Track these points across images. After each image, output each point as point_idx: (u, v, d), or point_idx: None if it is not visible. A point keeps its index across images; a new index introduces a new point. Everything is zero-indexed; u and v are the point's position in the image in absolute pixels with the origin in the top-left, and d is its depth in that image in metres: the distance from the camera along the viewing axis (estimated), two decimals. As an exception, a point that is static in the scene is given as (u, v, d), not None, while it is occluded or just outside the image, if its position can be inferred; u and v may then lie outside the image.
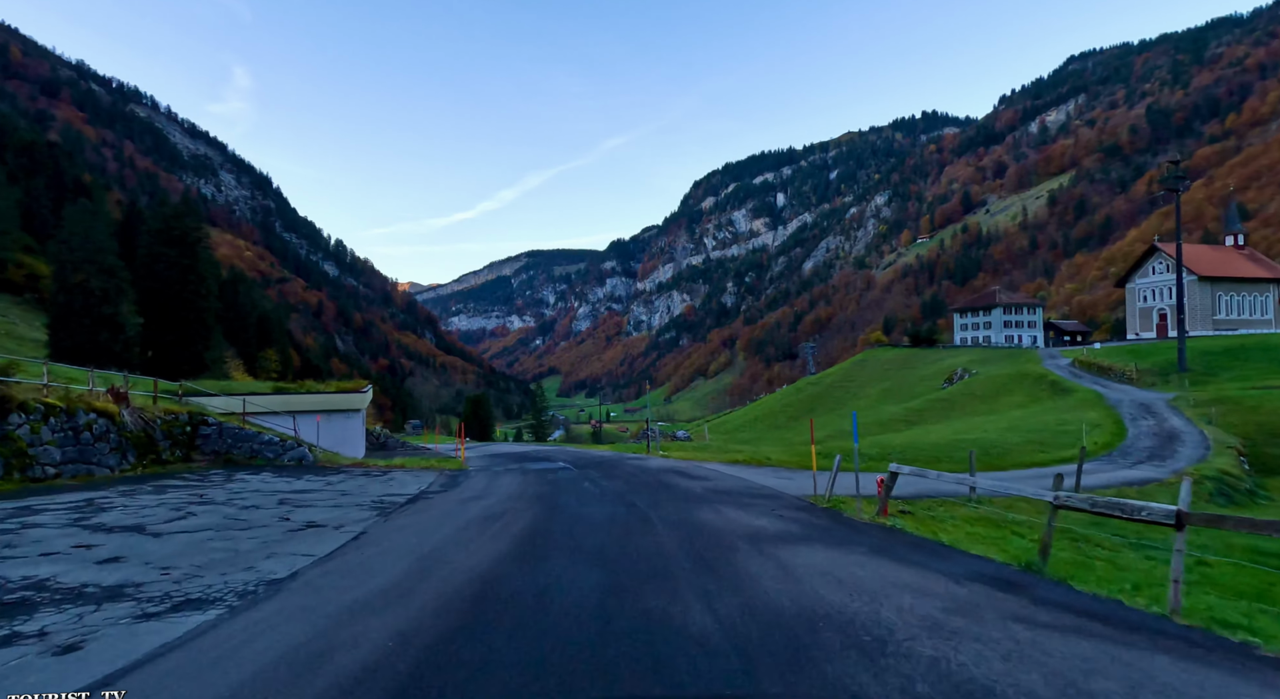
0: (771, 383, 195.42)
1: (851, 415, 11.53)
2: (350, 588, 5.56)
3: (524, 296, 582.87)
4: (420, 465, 18.28)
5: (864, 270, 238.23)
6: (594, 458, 22.73)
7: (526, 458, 23.41)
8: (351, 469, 16.66)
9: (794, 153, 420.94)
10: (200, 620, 4.63)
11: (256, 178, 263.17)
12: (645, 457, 22.89)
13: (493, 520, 9.46)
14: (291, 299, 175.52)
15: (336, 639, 4.21)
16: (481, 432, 55.27)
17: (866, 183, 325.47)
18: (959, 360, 57.65)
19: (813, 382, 69.47)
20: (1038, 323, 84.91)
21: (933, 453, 19.82)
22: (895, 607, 4.95)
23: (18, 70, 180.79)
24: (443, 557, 6.90)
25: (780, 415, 50.27)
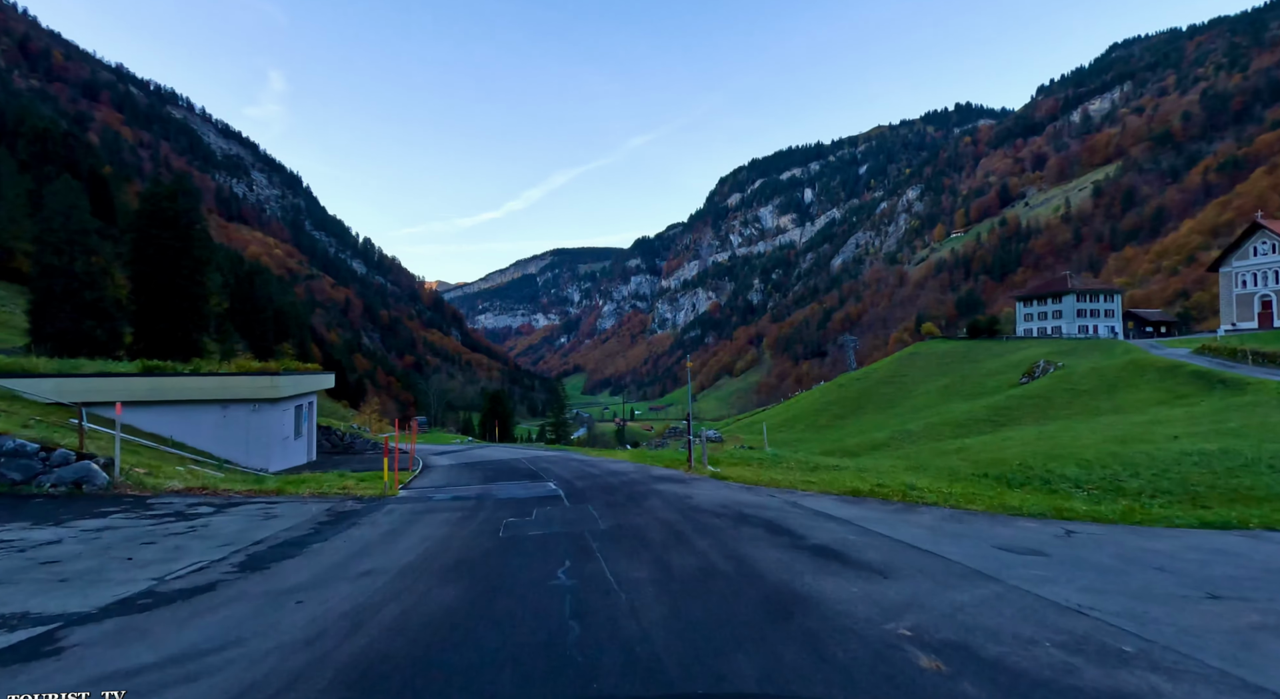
0: (800, 381, 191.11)
1: (899, 414, 8.75)
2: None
3: (549, 295, 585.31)
4: (329, 489, 12.32)
5: (895, 266, 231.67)
6: (606, 478, 14.56)
7: (508, 473, 16.78)
8: (181, 498, 10.56)
9: (822, 148, 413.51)
10: None
11: (287, 177, 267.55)
12: (688, 479, 13.86)
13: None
14: (319, 296, 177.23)
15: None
16: (502, 429, 53.12)
17: (897, 177, 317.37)
18: (1036, 352, 52.53)
19: (856, 377, 64.79)
20: (1116, 311, 77.27)
21: (1113, 468, 12.82)
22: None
23: (59, 73, 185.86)
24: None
25: (822, 414, 46.79)
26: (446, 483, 14.72)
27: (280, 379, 18.12)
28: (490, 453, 25.73)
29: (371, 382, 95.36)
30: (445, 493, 12.61)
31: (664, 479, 14.01)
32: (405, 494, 12.28)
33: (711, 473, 14.51)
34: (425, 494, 12.35)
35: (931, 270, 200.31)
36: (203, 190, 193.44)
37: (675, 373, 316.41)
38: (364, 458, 22.76)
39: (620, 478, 14.59)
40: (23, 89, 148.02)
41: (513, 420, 63.84)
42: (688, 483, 12.97)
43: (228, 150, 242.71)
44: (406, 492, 12.77)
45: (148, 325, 25.25)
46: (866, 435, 34.10)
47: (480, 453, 26.24)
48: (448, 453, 26.23)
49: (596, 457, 23.52)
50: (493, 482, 14.63)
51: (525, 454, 25.18)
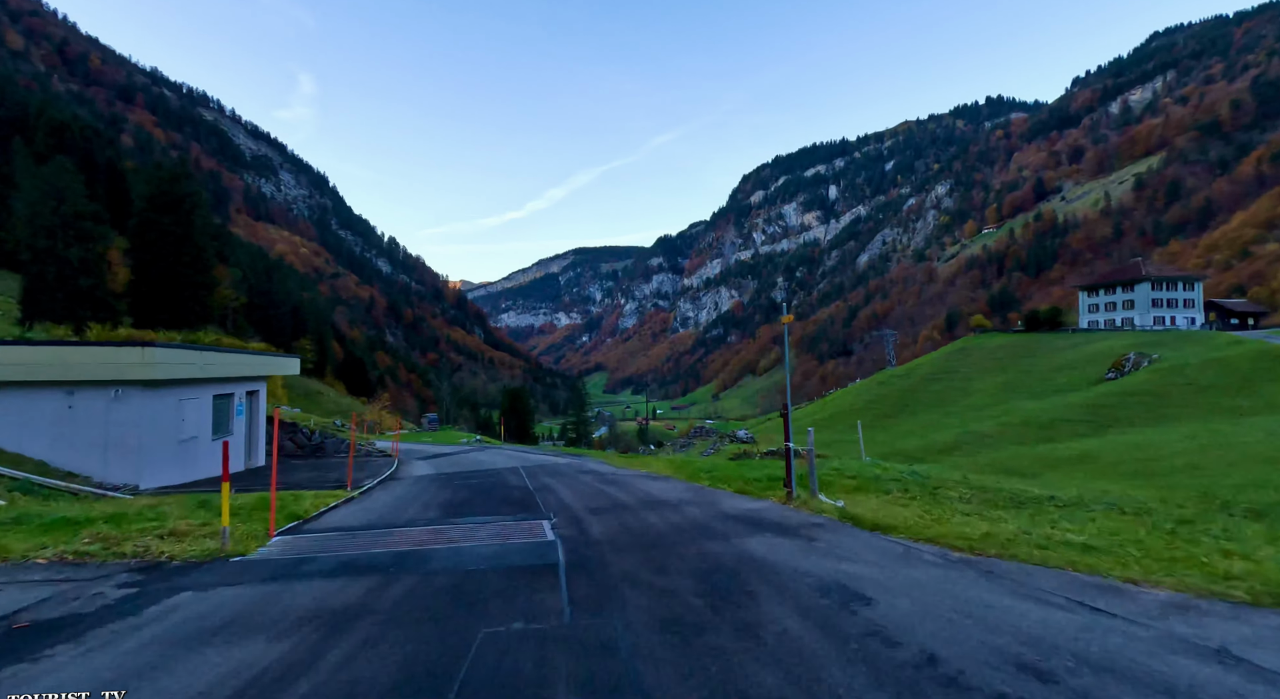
0: (825, 380, 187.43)
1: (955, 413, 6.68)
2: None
3: (571, 294, 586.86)
4: (116, 548, 6.77)
5: (924, 263, 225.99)
6: (644, 515, 8.85)
7: (491, 495, 11.66)
8: None
9: (847, 144, 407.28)
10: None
11: (314, 177, 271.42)
12: (805, 526, 7.65)
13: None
14: (343, 294, 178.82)
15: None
16: (521, 428, 51.69)
17: (925, 173, 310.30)
18: (1115, 345, 48.32)
19: (898, 374, 60.44)
20: (1196, 301, 71.28)
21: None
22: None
23: (96, 77, 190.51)
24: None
25: (864, 413, 43.78)
26: (377, 520, 9.09)
27: (157, 353, 12.73)
28: (488, 458, 21.46)
29: (393, 378, 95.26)
30: (339, 552, 6.91)
31: (756, 524, 7.78)
32: (262, 554, 6.82)
33: (837, 512, 8.18)
34: (297, 557, 6.69)
35: (962, 267, 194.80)
36: (231, 190, 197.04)
37: (698, 371, 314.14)
38: (328, 462, 18.92)
39: (670, 518, 8.45)
40: (61, 92, 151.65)
41: (533, 418, 62.38)
42: (812, 539, 6.88)
43: (256, 151, 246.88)
44: (271, 547, 7.19)
45: (148, 316, 24.22)
46: (924, 437, 31.12)
47: (477, 457, 22.01)
48: (441, 456, 22.60)
49: (624, 468, 16.81)
50: (455, 517, 9.14)
51: (531, 460, 20.21)
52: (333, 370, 63.48)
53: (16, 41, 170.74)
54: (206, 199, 33.62)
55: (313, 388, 51.43)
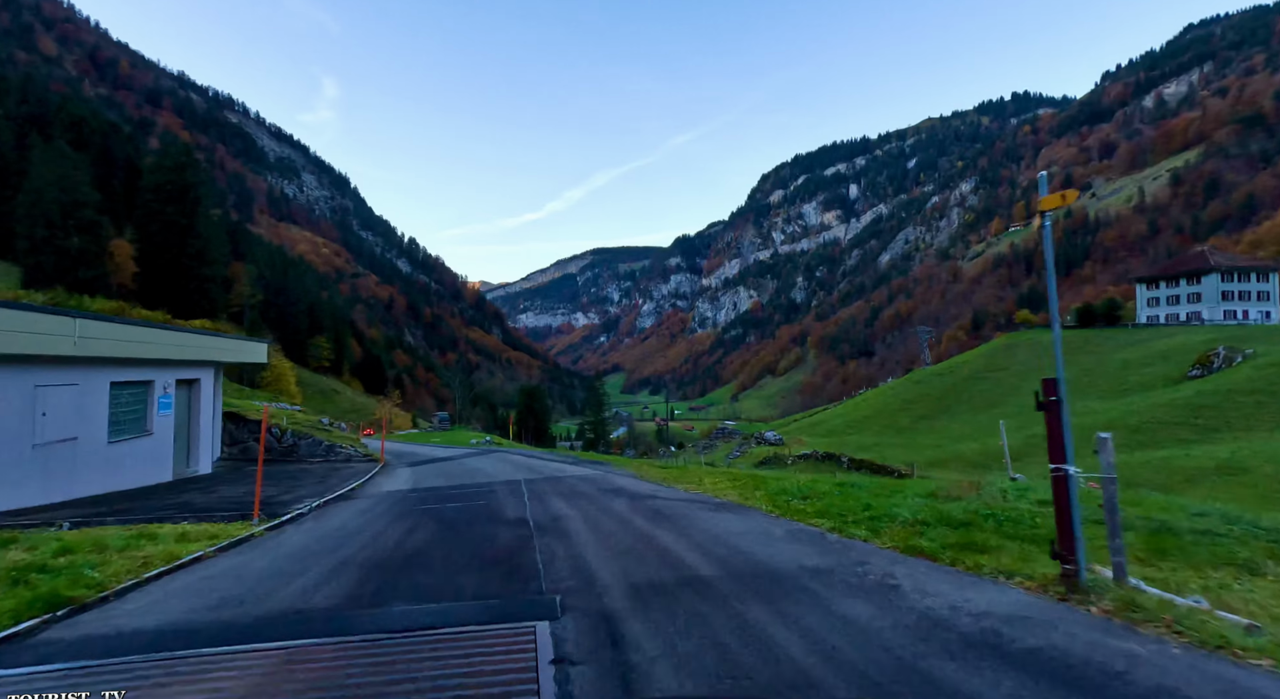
0: (846, 381, 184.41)
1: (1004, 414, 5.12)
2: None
3: (589, 294, 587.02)
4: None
5: (948, 262, 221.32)
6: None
7: (437, 555, 6.94)
8: None
9: (868, 142, 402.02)
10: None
11: (336, 178, 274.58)
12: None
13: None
14: (363, 293, 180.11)
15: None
16: (538, 428, 50.57)
17: (949, 170, 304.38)
18: (1191, 340, 44.53)
19: (937, 372, 57.28)
20: (1271, 293, 66.28)
21: None
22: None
23: (126, 82, 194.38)
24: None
25: (901, 414, 41.61)
26: (208, 618, 4.92)
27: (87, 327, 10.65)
28: (490, 466, 18.28)
29: (411, 377, 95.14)
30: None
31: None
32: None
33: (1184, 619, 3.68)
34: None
35: (989, 265, 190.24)
36: (255, 191, 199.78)
37: (716, 372, 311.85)
38: (292, 471, 15.72)
39: (823, 635, 3.96)
40: (92, 97, 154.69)
41: (550, 418, 61.24)
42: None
43: (280, 153, 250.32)
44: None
45: (151, 308, 23.51)
46: (981, 440, 28.56)
47: (477, 465, 18.75)
48: (435, 462, 20.12)
49: (666, 486, 12.75)
50: (371, 606, 5.14)
51: (542, 469, 16.67)
52: (350, 369, 63.14)
53: (50, 48, 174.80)
54: (214, 189, 32.92)
55: (329, 386, 50.96)
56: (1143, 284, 74.38)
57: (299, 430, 20.01)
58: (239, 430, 19.03)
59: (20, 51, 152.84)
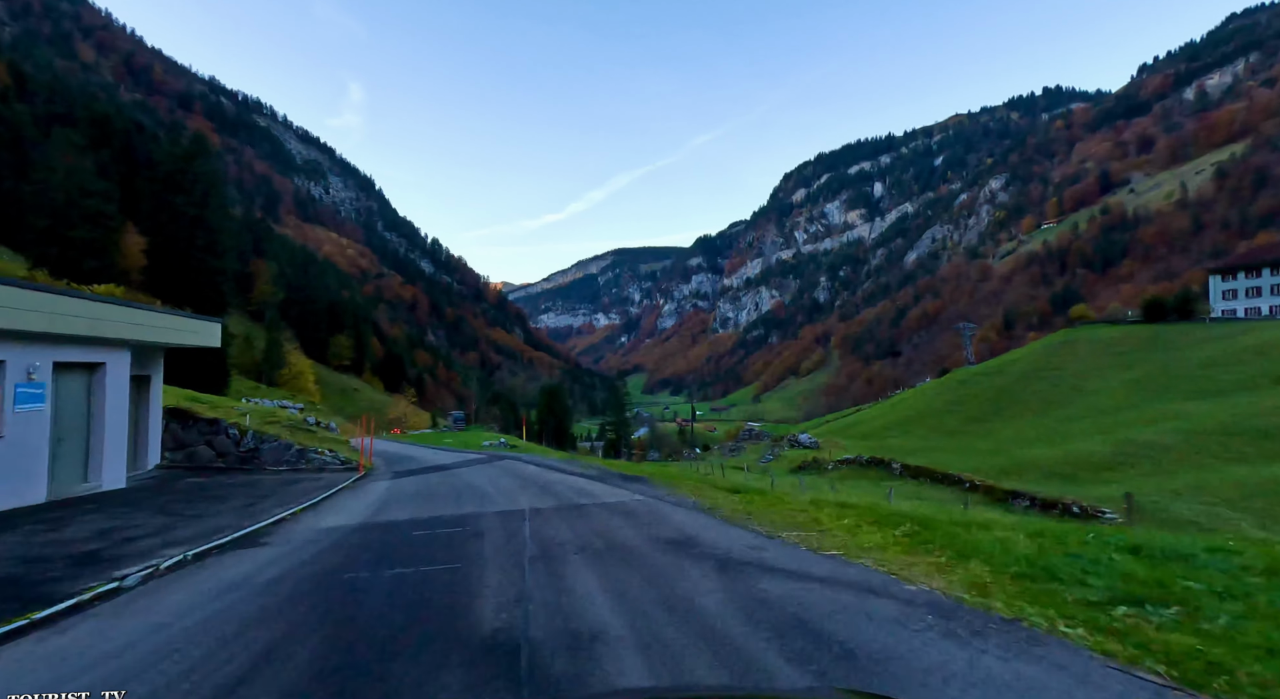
0: (871, 382, 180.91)
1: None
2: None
3: (610, 295, 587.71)
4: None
5: (977, 260, 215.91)
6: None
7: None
8: None
9: (893, 140, 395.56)
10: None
11: (361, 180, 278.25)
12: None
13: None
14: (387, 294, 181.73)
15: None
16: (559, 428, 49.51)
17: (978, 167, 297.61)
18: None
19: (984, 372, 53.78)
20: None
21: None
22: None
23: (159, 87, 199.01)
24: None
25: (947, 416, 38.98)
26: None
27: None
28: (492, 479, 15.10)
29: (432, 377, 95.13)
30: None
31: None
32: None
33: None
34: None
35: (1020, 264, 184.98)
36: (282, 193, 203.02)
37: (738, 372, 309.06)
38: (237, 490, 12.26)
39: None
40: (127, 101, 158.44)
41: (571, 418, 60.17)
42: None
43: (307, 155, 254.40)
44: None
45: (161, 302, 22.93)
46: (1057, 445, 25.60)
47: (475, 479, 15.37)
48: (425, 472, 17.20)
49: (766, 533, 8.07)
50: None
51: (560, 487, 13.42)
52: (371, 368, 62.93)
53: (89, 55, 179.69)
54: (238, 187, 32.46)
55: (348, 384, 50.64)
56: (1217, 275, 68.84)
57: (266, 432, 16.84)
58: (186, 432, 16.01)
59: (60, 59, 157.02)
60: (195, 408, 16.77)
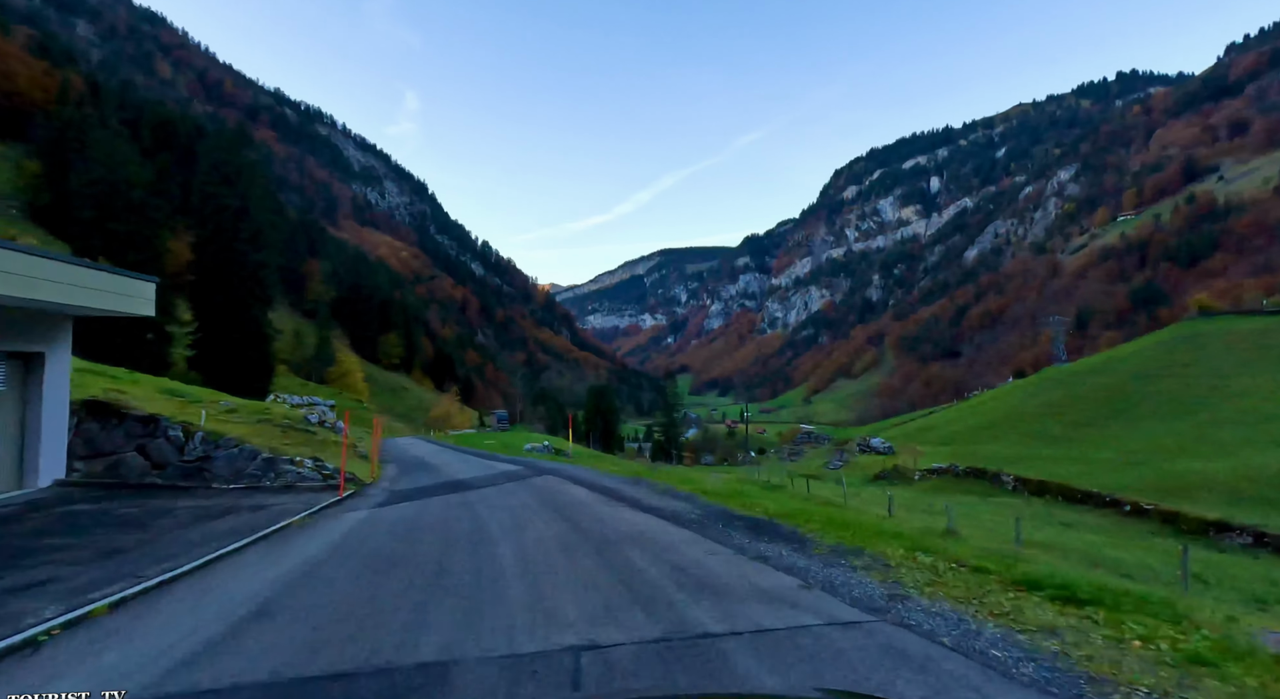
0: (930, 384, 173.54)
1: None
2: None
3: (656, 295, 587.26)
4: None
5: (1045, 256, 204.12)
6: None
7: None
8: None
9: (951, 132, 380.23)
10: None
11: (415, 185, 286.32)
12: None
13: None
14: (439, 295, 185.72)
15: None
16: (605, 429, 48.18)
17: (1044, 159, 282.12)
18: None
19: (1086, 370, 48.68)
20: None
21: None
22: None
23: (228, 99, 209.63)
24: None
25: (1047, 420, 34.64)
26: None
27: None
28: (504, 522, 9.11)
29: (480, 376, 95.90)
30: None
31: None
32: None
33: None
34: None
35: (1094, 258, 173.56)
36: (340, 199, 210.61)
37: (787, 373, 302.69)
38: (148, 512, 9.18)
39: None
40: (199, 114, 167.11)
41: (618, 419, 58.80)
42: None
43: (364, 162, 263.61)
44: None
45: (204, 298, 22.70)
46: (1219, 459, 21.06)
47: (489, 513, 10.10)
48: (433, 494, 12.49)
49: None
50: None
51: (623, 549, 7.23)
52: (421, 366, 63.39)
53: (166, 71, 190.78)
54: (268, 173, 32.48)
55: (398, 383, 50.86)
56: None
57: (226, 434, 12.75)
58: (108, 434, 11.70)
59: (141, 75, 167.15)
60: (123, 400, 12.49)
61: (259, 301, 24.25)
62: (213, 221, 22.12)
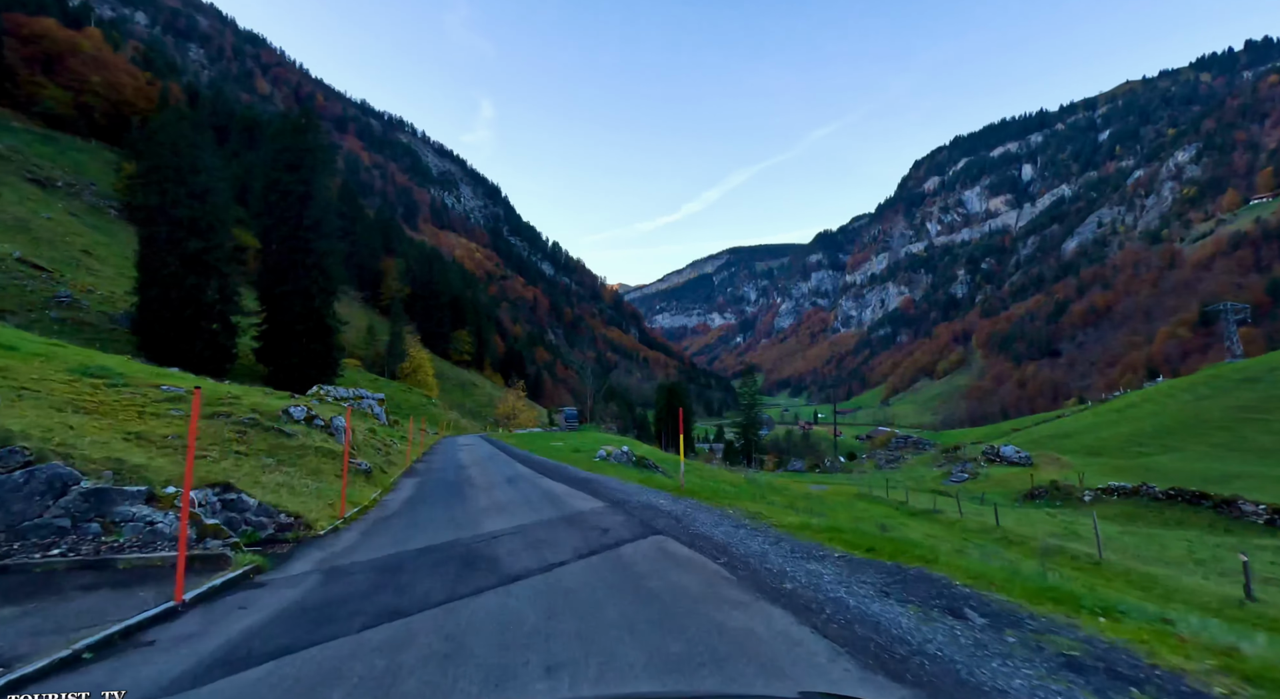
0: (1025, 385, 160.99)
1: None
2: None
3: (725, 294, 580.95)
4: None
5: (1161, 245, 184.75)
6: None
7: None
8: None
9: (1046, 116, 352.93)
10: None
11: (489, 188, 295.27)
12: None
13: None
14: (510, 294, 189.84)
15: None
16: (678, 430, 45.88)
17: (1156, 140, 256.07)
18: None
19: (1271, 366, 41.46)
20: None
21: None
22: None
23: (320, 112, 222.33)
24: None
25: (1245, 428, 28.05)
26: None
27: None
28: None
29: (550, 373, 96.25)
30: None
31: None
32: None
33: None
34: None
35: (1221, 247, 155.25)
36: (420, 203, 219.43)
37: (862, 373, 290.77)
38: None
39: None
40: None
41: (693, 418, 56.44)
42: None
43: (442, 168, 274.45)
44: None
45: (270, 288, 22.34)
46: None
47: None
48: (427, 573, 6.04)
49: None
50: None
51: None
52: (492, 363, 63.65)
53: (264, 88, 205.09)
54: (334, 153, 32.33)
55: (468, 379, 50.89)
56: None
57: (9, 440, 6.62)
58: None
59: (244, 93, 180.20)
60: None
61: (323, 291, 23.75)
62: (277, 208, 21.88)
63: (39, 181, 40.95)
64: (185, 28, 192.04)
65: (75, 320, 23.08)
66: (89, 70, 48.01)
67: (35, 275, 24.92)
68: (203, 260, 20.78)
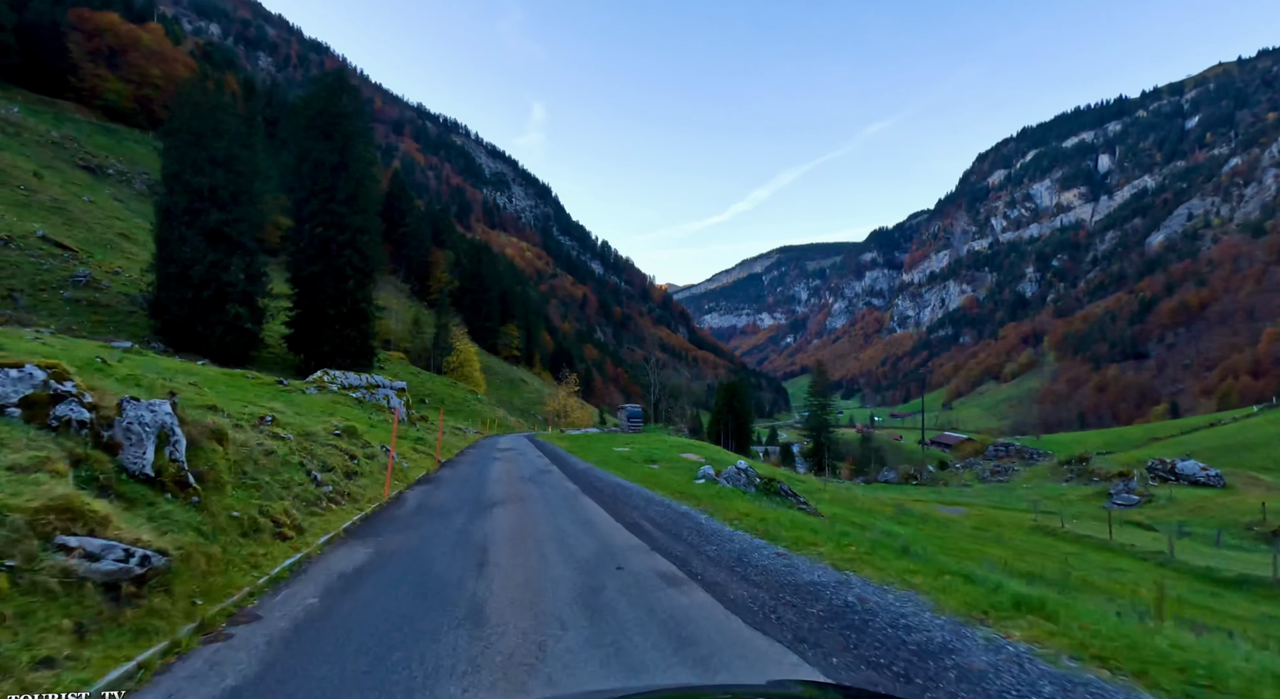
0: (1105, 389, 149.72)
1: None
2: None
3: (775, 294, 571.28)
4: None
5: (1264, 238, 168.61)
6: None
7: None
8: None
9: (1125, 103, 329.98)
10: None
11: (539, 188, 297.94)
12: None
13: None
14: (560, 293, 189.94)
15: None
16: (738, 430, 42.91)
17: (1253, 125, 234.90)
18: None
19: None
20: None
21: None
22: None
23: (378, 116, 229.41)
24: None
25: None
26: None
27: None
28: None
29: (600, 372, 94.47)
30: None
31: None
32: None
33: None
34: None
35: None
36: (473, 203, 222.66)
37: (921, 375, 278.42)
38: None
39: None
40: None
41: (751, 419, 53.10)
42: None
43: (494, 168, 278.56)
44: None
45: (299, 269, 20.52)
46: None
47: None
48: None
49: None
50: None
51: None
52: (541, 360, 62.00)
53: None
54: (369, 122, 30.59)
55: (516, 375, 49.22)
56: None
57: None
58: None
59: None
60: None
61: (358, 272, 21.72)
62: (309, 180, 20.09)
63: (90, 168, 41.51)
64: (255, 37, 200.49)
65: (90, 301, 21.99)
66: (149, 63, 49.21)
67: (57, 254, 24.14)
68: (224, 233, 18.94)
